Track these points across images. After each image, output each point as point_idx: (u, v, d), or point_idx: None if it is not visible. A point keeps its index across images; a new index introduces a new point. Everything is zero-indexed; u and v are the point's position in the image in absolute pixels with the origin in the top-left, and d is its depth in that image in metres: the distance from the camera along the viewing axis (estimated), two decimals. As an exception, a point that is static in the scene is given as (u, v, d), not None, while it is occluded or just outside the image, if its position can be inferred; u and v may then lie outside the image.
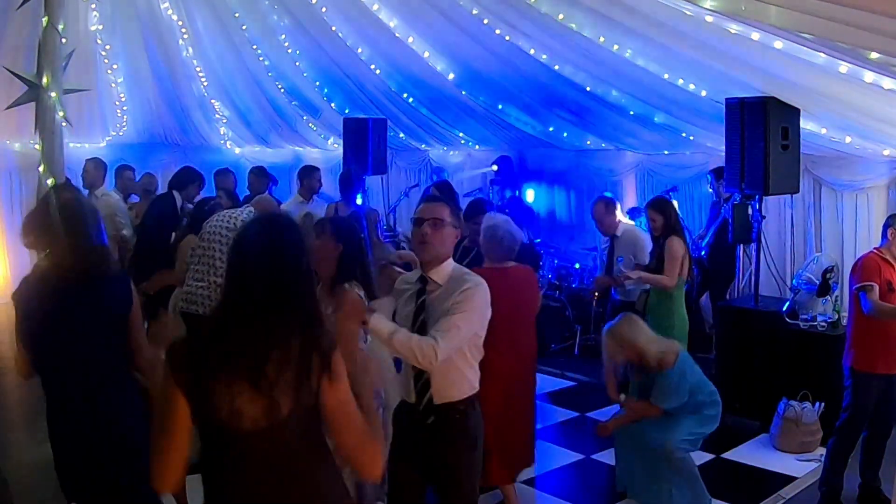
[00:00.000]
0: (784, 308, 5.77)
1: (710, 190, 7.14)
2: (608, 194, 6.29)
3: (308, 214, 5.90)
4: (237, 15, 7.55)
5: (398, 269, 3.60)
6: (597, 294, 7.28)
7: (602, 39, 5.42)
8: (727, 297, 6.98)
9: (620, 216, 6.03)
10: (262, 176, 7.34)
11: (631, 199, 8.30)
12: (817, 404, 5.22)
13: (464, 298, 2.82)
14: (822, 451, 4.72)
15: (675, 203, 5.77)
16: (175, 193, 6.38)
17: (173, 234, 5.73)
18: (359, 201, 8.21)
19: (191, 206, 6.17)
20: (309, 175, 7.28)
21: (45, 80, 4.14)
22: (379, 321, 2.77)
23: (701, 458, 5.10)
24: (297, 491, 1.95)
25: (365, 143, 8.11)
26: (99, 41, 7.96)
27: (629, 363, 4.29)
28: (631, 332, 4.17)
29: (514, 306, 3.99)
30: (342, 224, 3.57)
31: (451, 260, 2.97)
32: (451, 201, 3.11)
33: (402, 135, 9.42)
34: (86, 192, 6.47)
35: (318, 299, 2.14)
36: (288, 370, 1.89)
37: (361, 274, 3.38)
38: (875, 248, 4.33)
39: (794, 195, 6.46)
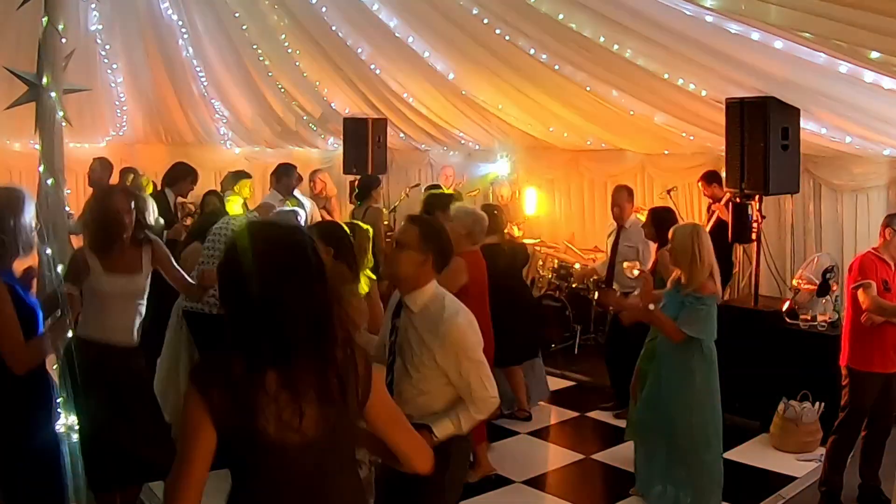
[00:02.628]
0: (784, 308, 5.77)
1: (705, 195, 7.18)
2: None
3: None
4: (237, 15, 7.54)
5: None
6: (597, 294, 7.28)
7: (602, 39, 5.42)
8: (724, 296, 6.97)
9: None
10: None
11: (631, 199, 8.30)
12: (817, 404, 5.22)
13: (452, 349, 2.77)
14: (822, 450, 4.72)
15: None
16: (167, 190, 6.33)
17: (165, 232, 5.66)
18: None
19: (185, 200, 6.13)
20: (288, 173, 7.29)
21: (45, 80, 4.12)
22: (442, 431, 2.74)
23: (701, 458, 5.10)
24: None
25: (365, 143, 8.11)
26: (99, 41, 7.95)
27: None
28: (696, 238, 3.99)
29: None
30: (329, 228, 3.64)
31: (431, 285, 2.87)
32: (424, 220, 3.11)
33: (402, 135, 9.42)
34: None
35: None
36: (334, 379, 1.84)
37: (353, 276, 3.43)
38: (872, 249, 4.34)
39: (794, 195, 6.46)
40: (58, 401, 3.13)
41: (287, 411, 1.78)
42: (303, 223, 5.01)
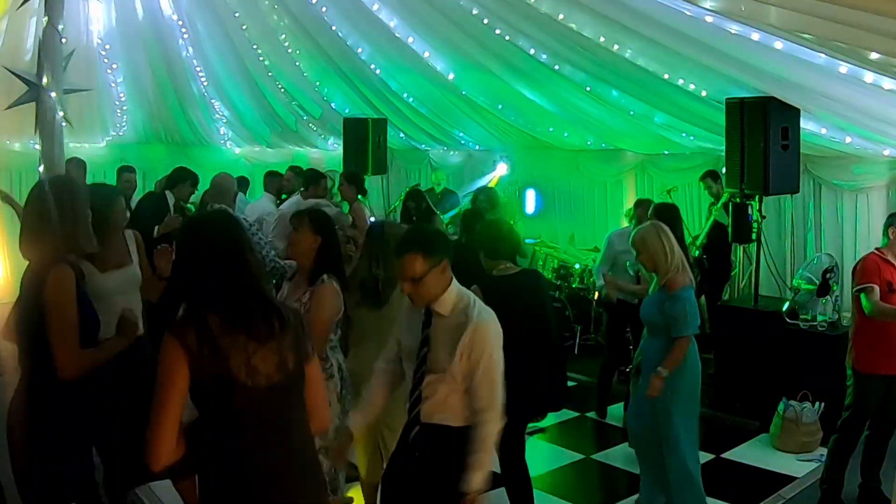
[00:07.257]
0: (784, 308, 5.77)
1: (710, 193, 7.18)
2: None
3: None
4: (237, 15, 7.55)
5: None
6: (597, 294, 7.28)
7: (602, 39, 5.42)
8: (723, 296, 6.98)
9: None
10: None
11: (631, 199, 8.30)
12: (817, 404, 5.22)
13: (482, 349, 2.76)
14: (822, 450, 4.72)
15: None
16: (168, 193, 6.20)
17: (156, 228, 5.53)
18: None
19: (185, 204, 6.06)
20: (315, 181, 6.85)
21: (45, 80, 4.13)
22: (477, 480, 2.79)
23: (701, 458, 5.10)
24: (293, 443, 2.23)
25: (365, 143, 8.12)
26: (99, 41, 7.95)
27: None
28: (651, 238, 3.98)
29: None
30: (320, 217, 3.63)
31: (453, 287, 2.85)
32: (423, 239, 2.88)
33: (402, 135, 9.43)
34: None
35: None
36: (288, 332, 2.20)
37: (337, 266, 3.51)
38: (876, 249, 4.32)
39: (794, 195, 6.47)
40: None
41: (255, 358, 2.13)
42: None
